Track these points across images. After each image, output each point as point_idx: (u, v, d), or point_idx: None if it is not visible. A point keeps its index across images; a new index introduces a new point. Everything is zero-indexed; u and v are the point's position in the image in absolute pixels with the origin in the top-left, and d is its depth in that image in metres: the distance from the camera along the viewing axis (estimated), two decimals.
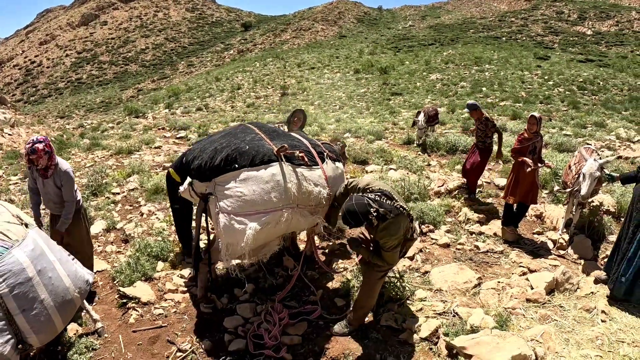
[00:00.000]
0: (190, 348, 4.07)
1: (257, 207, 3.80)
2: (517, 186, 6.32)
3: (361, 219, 3.55)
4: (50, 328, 3.44)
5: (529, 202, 6.40)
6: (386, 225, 3.63)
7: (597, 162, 5.52)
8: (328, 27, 70.36)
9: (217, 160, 3.89)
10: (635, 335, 4.15)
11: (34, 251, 3.41)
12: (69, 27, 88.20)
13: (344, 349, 3.92)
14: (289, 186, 3.95)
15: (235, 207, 3.76)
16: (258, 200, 3.80)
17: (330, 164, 4.57)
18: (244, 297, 4.83)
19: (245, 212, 3.77)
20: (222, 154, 3.91)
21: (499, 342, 3.59)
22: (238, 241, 3.72)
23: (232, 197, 3.78)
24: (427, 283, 5.10)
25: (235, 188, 3.80)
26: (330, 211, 4.45)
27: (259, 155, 3.96)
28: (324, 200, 4.28)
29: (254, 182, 3.84)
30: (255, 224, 3.74)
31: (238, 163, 3.87)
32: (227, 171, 3.86)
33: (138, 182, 8.51)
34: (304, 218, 4.15)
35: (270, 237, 4.08)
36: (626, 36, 49.30)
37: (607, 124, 15.60)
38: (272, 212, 3.86)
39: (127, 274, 5.16)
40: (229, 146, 4.00)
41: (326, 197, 4.29)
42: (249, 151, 3.96)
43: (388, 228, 3.63)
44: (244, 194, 3.78)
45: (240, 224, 3.73)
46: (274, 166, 3.97)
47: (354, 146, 10.83)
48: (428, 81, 28.19)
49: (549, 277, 4.91)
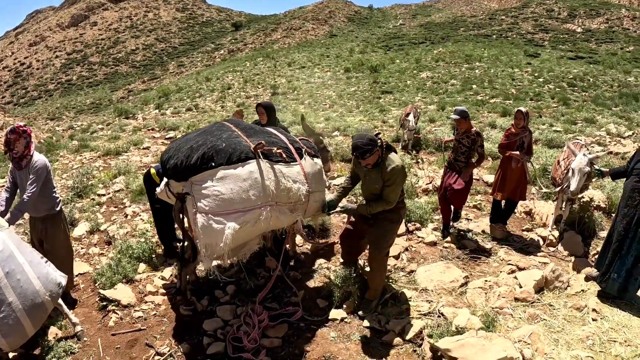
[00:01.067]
0: (169, 351, 3.96)
1: (235, 205, 3.68)
2: (505, 182, 6.22)
3: (375, 141, 3.92)
4: (19, 332, 3.38)
5: (517, 198, 6.30)
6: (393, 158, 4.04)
7: (586, 157, 5.43)
8: (319, 26, 70.23)
9: (194, 159, 3.75)
10: (627, 334, 4.07)
11: (2, 252, 3.35)
12: (58, 28, 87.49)
13: (324, 351, 3.81)
14: (267, 184, 3.84)
15: (213, 206, 3.63)
16: (236, 198, 3.68)
17: (309, 160, 4.47)
18: (224, 298, 4.72)
19: (223, 211, 3.64)
20: (199, 153, 3.77)
21: (484, 344, 3.47)
22: (217, 241, 3.59)
23: (210, 196, 3.65)
24: (413, 282, 4.99)
25: (213, 187, 3.67)
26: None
27: (236, 153, 3.83)
28: (303, 197, 4.18)
29: (231, 181, 3.72)
30: (233, 224, 3.63)
31: (215, 161, 3.74)
32: (204, 170, 3.72)
33: (124, 184, 8.38)
34: (283, 216, 4.06)
35: (249, 236, 3.96)
36: (616, 33, 49.56)
37: (597, 120, 15.62)
38: (250, 211, 3.75)
39: (108, 276, 5.06)
40: (205, 144, 3.86)
41: (305, 193, 4.19)
42: (226, 149, 3.84)
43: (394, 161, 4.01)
44: (221, 193, 3.66)
45: (218, 223, 3.61)
46: (251, 163, 3.85)
47: (342, 144, 10.73)
48: (418, 79, 28.13)
49: (538, 275, 4.81)
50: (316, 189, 4.41)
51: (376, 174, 4.06)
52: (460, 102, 20.32)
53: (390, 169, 3.95)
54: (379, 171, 4.03)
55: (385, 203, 4.09)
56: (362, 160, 4.00)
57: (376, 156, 3.99)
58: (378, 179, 4.05)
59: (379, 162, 4.03)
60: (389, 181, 3.98)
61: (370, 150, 3.88)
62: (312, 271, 5.31)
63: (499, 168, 6.41)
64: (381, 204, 4.11)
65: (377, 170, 4.05)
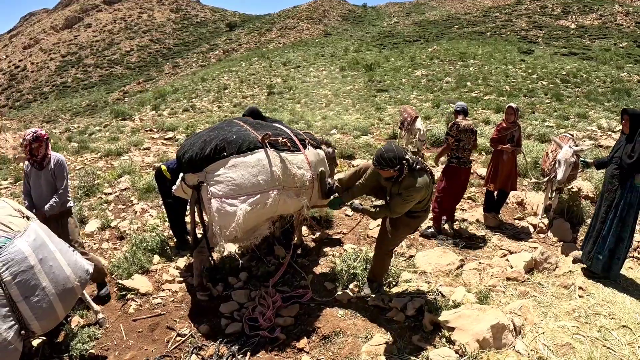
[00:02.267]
0: (189, 332, 4.25)
1: (246, 189, 4.09)
2: (497, 174, 6.59)
3: (395, 162, 3.83)
4: (52, 315, 3.56)
5: (508, 189, 6.68)
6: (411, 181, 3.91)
7: (571, 149, 5.84)
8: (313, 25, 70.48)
9: (207, 150, 4.17)
10: (611, 308, 4.39)
11: (35, 241, 3.53)
12: (52, 30, 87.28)
13: (334, 327, 4.13)
14: (274, 169, 4.25)
15: (226, 191, 4.05)
16: (247, 183, 4.10)
17: (312, 149, 4.87)
18: (238, 284, 5.04)
19: (235, 194, 4.06)
20: (212, 145, 4.19)
21: (478, 315, 3.83)
22: (230, 222, 4.00)
23: (223, 182, 4.07)
24: (412, 266, 5.36)
25: (225, 174, 4.09)
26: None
27: (245, 143, 4.26)
28: (307, 182, 4.58)
29: (241, 168, 4.13)
30: (245, 205, 4.04)
31: (226, 151, 4.17)
32: (217, 160, 4.15)
33: (129, 182, 8.64)
34: (290, 199, 4.44)
35: (260, 218, 4.34)
36: (609, 29, 49.92)
37: (590, 115, 15.94)
38: (260, 194, 4.15)
39: (125, 268, 5.32)
40: (217, 137, 4.28)
41: (309, 179, 4.60)
42: (236, 140, 4.26)
43: (412, 184, 3.90)
44: (233, 179, 4.07)
45: (231, 206, 4.02)
46: (259, 152, 4.27)
47: (341, 142, 11.04)
48: (413, 77, 28.44)
49: (528, 257, 5.18)
50: (320, 177, 4.82)
51: (395, 187, 4.05)
52: (455, 99, 20.64)
53: (410, 188, 3.91)
54: (399, 186, 4.00)
55: (390, 211, 4.10)
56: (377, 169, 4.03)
57: (389, 174, 3.95)
58: (396, 190, 4.03)
59: (399, 180, 3.99)
60: (404, 196, 3.93)
61: (382, 166, 3.88)
62: (318, 258, 5.66)
63: (491, 161, 6.78)
64: (385, 211, 4.15)
65: (399, 185, 4.01)
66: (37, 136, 4.35)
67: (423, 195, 4.04)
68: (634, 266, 5.43)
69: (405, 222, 4.31)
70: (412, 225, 4.40)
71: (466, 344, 3.62)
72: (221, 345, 3.99)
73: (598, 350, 3.75)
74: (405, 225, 4.35)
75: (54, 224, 4.61)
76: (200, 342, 4.10)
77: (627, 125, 4.81)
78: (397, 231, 4.39)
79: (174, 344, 4.14)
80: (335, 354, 3.86)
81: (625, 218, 4.80)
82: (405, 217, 4.24)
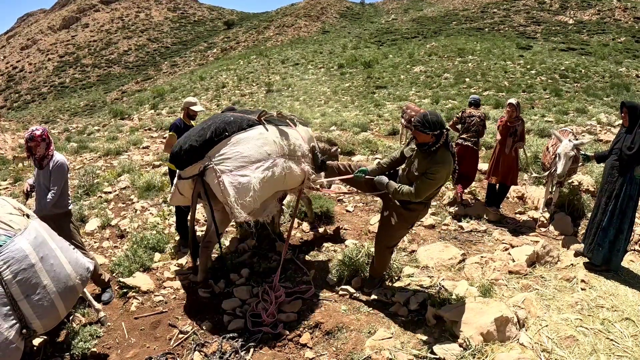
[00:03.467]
0: (192, 330, 4.24)
1: (254, 159, 4.24)
2: (498, 167, 6.65)
3: (437, 126, 3.82)
4: (53, 313, 3.55)
5: (509, 182, 6.71)
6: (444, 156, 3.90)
7: (571, 142, 5.84)
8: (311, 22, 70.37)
9: (208, 134, 4.24)
10: (614, 301, 4.39)
11: (36, 239, 3.52)
12: (50, 30, 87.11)
13: (337, 322, 4.12)
14: (276, 140, 4.47)
15: (236, 164, 4.16)
16: (254, 154, 4.25)
17: (301, 127, 5.14)
18: (240, 281, 5.02)
19: (246, 163, 4.18)
20: (211, 129, 4.28)
21: (482, 308, 3.82)
22: (247, 193, 4.10)
23: (231, 157, 4.18)
24: (414, 261, 5.36)
25: (231, 150, 4.22)
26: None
27: (245, 122, 4.44)
28: (307, 152, 4.85)
29: (246, 141, 4.29)
30: (257, 173, 4.18)
31: (228, 131, 4.29)
32: (219, 141, 4.23)
33: (129, 181, 8.64)
34: (295, 168, 4.63)
35: (272, 189, 4.48)
36: (607, 24, 49.87)
37: (589, 110, 15.94)
38: (268, 161, 4.30)
39: (126, 266, 5.31)
40: (215, 122, 4.38)
41: (306, 151, 4.84)
42: (235, 120, 4.42)
43: (444, 159, 3.89)
44: (240, 152, 4.21)
45: (244, 177, 4.13)
46: (259, 127, 4.49)
47: (340, 138, 11.03)
48: (412, 74, 28.39)
49: (529, 250, 5.17)
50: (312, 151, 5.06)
51: (422, 162, 3.96)
52: (454, 95, 20.63)
53: (439, 163, 3.85)
54: (427, 160, 3.92)
55: (414, 194, 3.94)
56: (413, 131, 3.97)
57: (427, 138, 3.88)
58: (422, 167, 3.94)
59: (432, 152, 3.92)
60: (429, 174, 3.86)
61: (424, 128, 3.82)
62: (320, 253, 5.66)
63: (492, 154, 6.80)
64: (408, 193, 3.97)
65: (426, 159, 3.94)
66: (31, 136, 4.34)
67: (446, 177, 3.99)
68: (635, 259, 5.42)
69: (402, 216, 4.25)
70: (409, 220, 4.35)
71: (470, 338, 3.61)
72: (224, 342, 3.97)
73: (601, 342, 3.75)
74: (402, 220, 4.28)
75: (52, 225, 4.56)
76: (203, 339, 4.09)
77: (626, 117, 4.82)
78: (394, 226, 4.31)
79: (177, 341, 4.12)
80: (338, 349, 3.85)
81: (625, 210, 4.81)
82: (404, 209, 4.20)
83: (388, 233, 4.39)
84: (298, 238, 6.09)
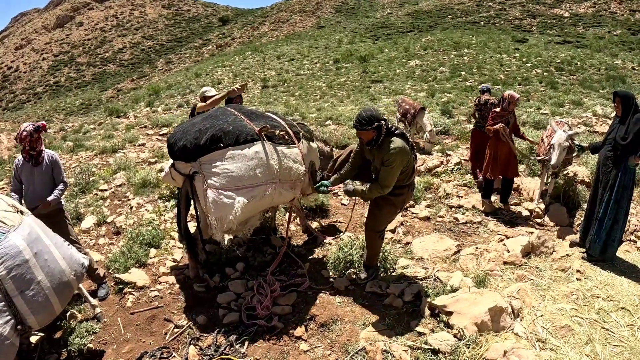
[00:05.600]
0: (187, 324, 4.25)
1: (244, 182, 4.06)
2: (496, 162, 6.56)
3: (373, 120, 3.92)
4: (48, 309, 3.54)
5: (509, 175, 6.63)
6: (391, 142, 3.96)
7: (566, 133, 5.85)
8: (306, 18, 70.14)
9: (203, 140, 4.09)
10: (609, 290, 4.41)
11: (30, 235, 3.51)
12: (44, 30, 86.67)
13: (332, 315, 4.13)
14: (271, 163, 4.23)
15: (224, 182, 4.01)
16: (244, 175, 4.07)
17: (305, 143, 4.90)
18: (235, 274, 5.02)
19: (233, 187, 4.02)
20: (207, 135, 4.12)
21: (476, 298, 3.83)
22: (227, 214, 3.96)
23: (220, 174, 4.02)
24: (409, 253, 5.36)
25: (222, 165, 4.04)
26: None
27: (243, 135, 4.21)
28: (301, 176, 4.60)
29: (239, 160, 4.09)
30: (242, 198, 4.01)
31: (223, 142, 4.10)
32: (213, 150, 4.08)
33: (125, 178, 8.62)
34: (285, 192, 4.46)
35: (255, 210, 4.34)
36: (603, 17, 49.80)
37: (585, 102, 15.93)
38: (257, 187, 4.13)
39: (122, 262, 5.32)
40: (212, 127, 4.20)
41: (303, 173, 4.61)
42: (233, 131, 4.20)
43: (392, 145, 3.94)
44: (231, 171, 4.03)
45: (229, 198, 3.98)
46: (257, 144, 4.24)
47: (336, 132, 11.03)
48: (407, 68, 28.34)
49: (524, 241, 5.19)
50: (310, 169, 4.84)
51: (378, 156, 4.07)
52: (450, 88, 20.62)
53: (390, 150, 3.92)
54: (380, 152, 4.02)
55: (380, 187, 4.04)
56: (357, 133, 4.11)
57: (369, 135, 4.01)
58: (379, 160, 4.06)
59: (380, 144, 4.03)
60: (386, 162, 3.94)
61: (361, 126, 3.96)
62: (314, 247, 5.66)
63: (487, 150, 6.75)
64: (376, 188, 4.07)
65: (379, 151, 4.04)
66: (38, 127, 4.36)
67: (404, 160, 4.02)
68: (630, 249, 5.46)
69: (390, 200, 4.30)
70: (397, 204, 4.37)
71: (464, 328, 3.62)
72: (219, 336, 3.98)
73: (597, 332, 3.77)
74: (389, 205, 4.34)
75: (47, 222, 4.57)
76: (198, 333, 4.09)
77: (619, 107, 4.83)
78: (382, 211, 4.38)
79: (172, 335, 4.13)
80: (333, 341, 3.85)
81: (619, 200, 4.83)
82: (390, 195, 4.23)
83: (376, 217, 4.43)
84: (293, 231, 6.09)
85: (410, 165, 4.18)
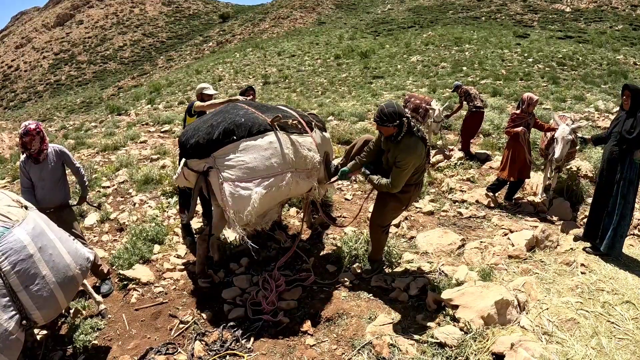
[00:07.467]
0: (192, 319, 4.25)
1: (259, 172, 4.03)
2: (514, 164, 6.52)
3: (394, 117, 3.89)
4: (53, 304, 3.53)
5: (523, 176, 6.63)
6: (409, 143, 3.94)
7: (569, 126, 5.83)
8: (307, 14, 69.98)
9: (215, 134, 4.04)
10: (614, 284, 4.40)
11: (34, 230, 3.50)
12: (44, 28, 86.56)
13: (337, 309, 4.13)
14: (286, 152, 4.21)
15: (240, 174, 3.97)
16: (260, 166, 4.04)
17: (318, 132, 4.87)
18: (239, 270, 5.02)
19: (249, 178, 3.99)
20: (220, 129, 4.07)
21: (482, 291, 3.83)
22: (245, 206, 3.93)
23: (235, 166, 3.98)
24: (414, 247, 5.36)
25: (237, 157, 4.01)
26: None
27: (255, 126, 4.17)
28: (317, 164, 4.58)
29: (253, 151, 4.06)
30: (260, 189, 3.98)
31: (236, 134, 4.06)
32: (226, 144, 4.03)
33: (127, 175, 8.61)
34: (302, 181, 4.44)
35: (273, 201, 4.31)
36: (605, 12, 49.63)
37: (587, 97, 15.91)
38: (274, 177, 4.10)
39: (126, 258, 5.30)
40: (224, 121, 4.16)
41: (318, 161, 4.59)
42: (246, 123, 4.16)
43: (409, 146, 3.93)
44: (246, 162, 4.00)
45: (245, 190, 3.94)
46: (270, 134, 4.21)
47: (338, 128, 11.01)
48: (409, 63, 28.27)
49: (529, 235, 5.18)
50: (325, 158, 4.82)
51: (394, 151, 4.04)
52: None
53: (404, 151, 3.92)
54: (395, 149, 4.01)
55: (390, 185, 4.06)
56: (377, 127, 4.09)
57: (390, 131, 3.99)
58: (393, 156, 4.04)
59: (398, 141, 4.00)
60: (399, 163, 3.94)
61: (382, 122, 3.93)
62: (319, 242, 5.66)
63: (506, 150, 6.71)
64: (386, 185, 4.09)
65: (395, 148, 4.03)
66: (26, 131, 4.34)
67: (416, 163, 4.02)
68: (634, 243, 5.44)
69: (396, 197, 4.27)
70: (403, 201, 4.35)
71: (471, 321, 3.61)
72: (224, 331, 3.99)
73: (602, 325, 3.76)
74: (395, 201, 4.31)
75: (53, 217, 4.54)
76: (204, 329, 4.10)
77: (628, 101, 4.79)
78: (387, 206, 4.36)
79: (177, 331, 4.13)
80: (339, 335, 3.85)
81: (625, 195, 4.79)
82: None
83: (381, 212, 4.42)
84: (297, 226, 6.08)
85: (421, 166, 4.17)
